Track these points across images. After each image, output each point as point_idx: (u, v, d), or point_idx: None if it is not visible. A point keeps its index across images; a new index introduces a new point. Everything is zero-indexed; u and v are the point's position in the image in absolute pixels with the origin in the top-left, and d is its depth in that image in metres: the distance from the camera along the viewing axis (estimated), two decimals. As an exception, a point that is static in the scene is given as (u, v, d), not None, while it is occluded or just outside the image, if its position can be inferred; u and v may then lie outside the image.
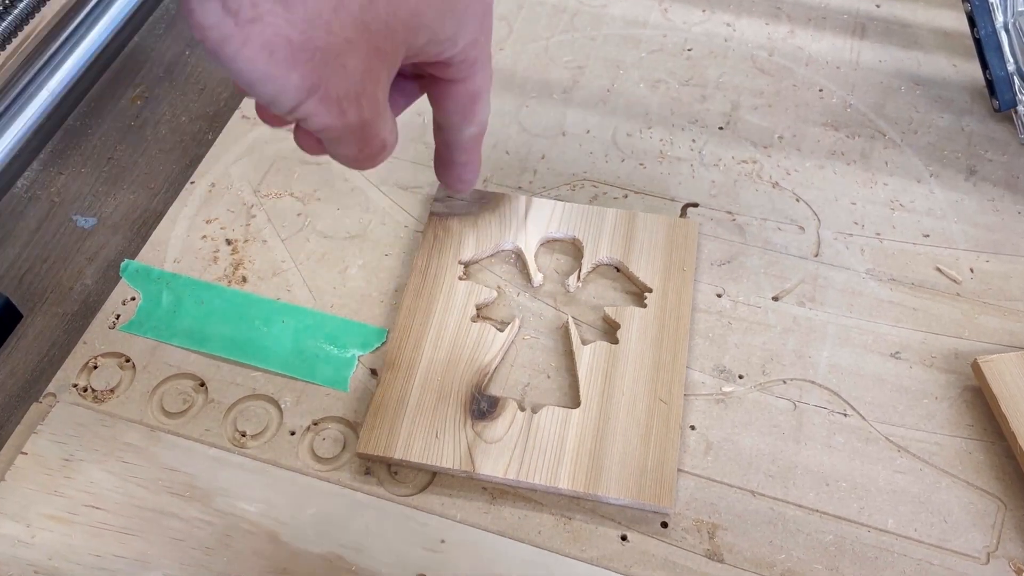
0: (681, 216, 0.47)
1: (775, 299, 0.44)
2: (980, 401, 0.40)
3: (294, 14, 0.23)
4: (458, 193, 0.40)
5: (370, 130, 0.27)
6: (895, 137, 0.51)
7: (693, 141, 0.51)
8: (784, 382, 0.42)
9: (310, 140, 0.29)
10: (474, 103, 0.31)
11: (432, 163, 0.36)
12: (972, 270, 0.45)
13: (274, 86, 0.24)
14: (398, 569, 0.36)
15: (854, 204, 0.48)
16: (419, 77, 0.32)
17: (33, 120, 0.50)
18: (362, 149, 0.28)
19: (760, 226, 0.47)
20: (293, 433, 0.40)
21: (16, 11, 0.49)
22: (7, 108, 0.50)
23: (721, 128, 0.51)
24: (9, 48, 0.50)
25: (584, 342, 0.42)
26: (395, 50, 0.26)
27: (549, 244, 0.46)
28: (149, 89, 0.55)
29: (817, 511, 0.38)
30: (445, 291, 0.43)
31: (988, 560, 0.36)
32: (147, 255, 0.46)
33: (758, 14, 0.57)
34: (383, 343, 0.43)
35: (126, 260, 0.46)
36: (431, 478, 0.39)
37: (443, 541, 0.37)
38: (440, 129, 0.33)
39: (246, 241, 0.47)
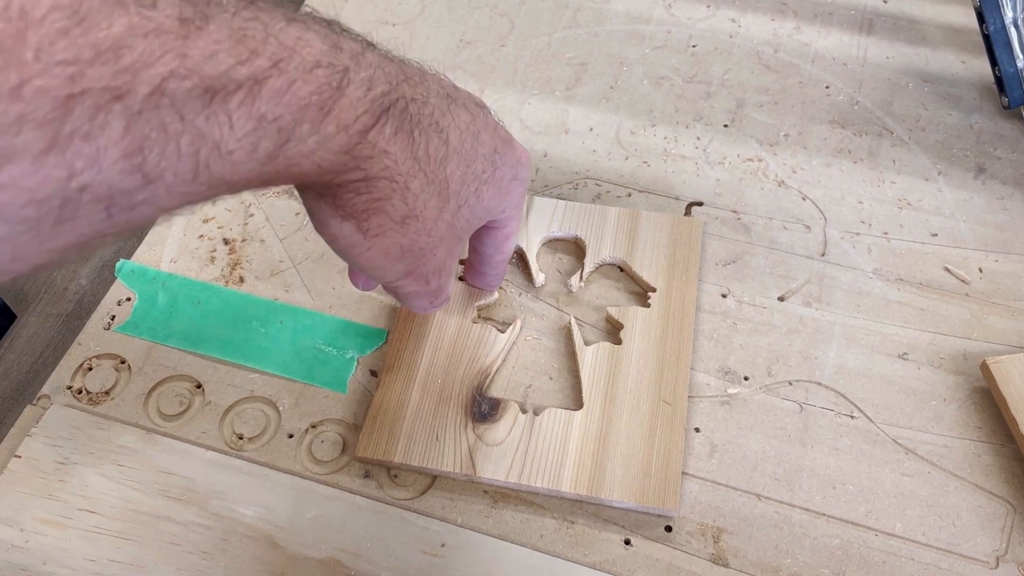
0: (685, 215, 0.47)
1: (781, 299, 0.44)
2: (989, 403, 0.40)
3: (408, 229, 0.30)
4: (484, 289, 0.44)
5: (443, 291, 0.35)
6: (903, 135, 0.50)
7: (698, 139, 0.50)
8: (790, 383, 0.41)
9: (367, 283, 0.38)
10: (507, 240, 0.38)
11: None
12: (981, 270, 0.45)
13: (382, 272, 0.32)
14: (398, 574, 0.36)
15: (861, 203, 0.47)
16: None
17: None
18: (432, 302, 0.35)
19: (766, 225, 0.47)
20: (291, 436, 0.40)
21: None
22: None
23: (726, 126, 0.51)
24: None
25: (587, 343, 0.41)
26: (468, 234, 0.34)
27: (551, 243, 0.46)
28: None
29: (824, 515, 0.37)
30: (446, 291, 0.42)
31: (997, 564, 0.36)
32: (143, 255, 0.46)
33: (763, 10, 0.57)
34: (382, 344, 0.42)
35: (122, 260, 0.45)
36: (431, 481, 0.38)
37: (444, 545, 0.36)
38: (475, 251, 0.40)
39: (244, 241, 0.46)
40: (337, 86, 0.25)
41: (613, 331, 0.42)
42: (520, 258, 0.45)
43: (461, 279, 0.43)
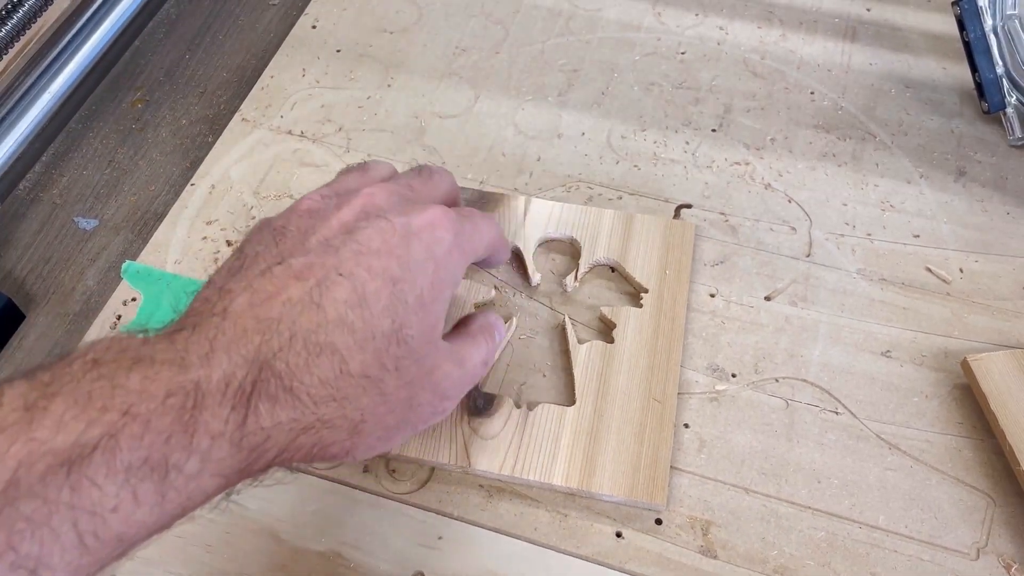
0: (675, 217, 0.48)
1: (767, 299, 0.45)
2: (970, 399, 0.41)
3: (367, 429, 0.29)
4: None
5: (470, 377, 0.34)
6: (886, 139, 0.51)
7: (687, 143, 0.51)
8: (776, 380, 0.42)
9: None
10: (501, 255, 0.39)
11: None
12: (962, 270, 0.46)
13: (395, 447, 0.33)
14: (397, 566, 0.37)
15: (845, 205, 0.48)
16: None
17: (35, 123, 0.51)
18: (476, 376, 0.35)
19: (752, 227, 0.48)
20: (292, 432, 0.41)
21: (19, 15, 0.50)
22: (10, 111, 0.50)
23: (714, 130, 0.52)
24: (12, 52, 0.50)
25: (580, 341, 0.42)
26: (434, 344, 0.32)
27: (547, 244, 0.47)
28: (150, 92, 0.56)
29: (809, 508, 0.38)
30: (442, 291, 0.43)
31: (978, 556, 0.37)
32: (148, 256, 0.47)
33: (750, 18, 0.58)
34: (381, 343, 0.43)
35: (127, 261, 0.46)
36: (429, 475, 0.39)
37: (441, 538, 0.37)
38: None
39: (245, 243, 0.47)
40: (193, 406, 0.24)
41: (606, 330, 0.43)
42: (516, 258, 0.46)
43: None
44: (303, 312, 0.27)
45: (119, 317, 0.44)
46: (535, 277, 0.45)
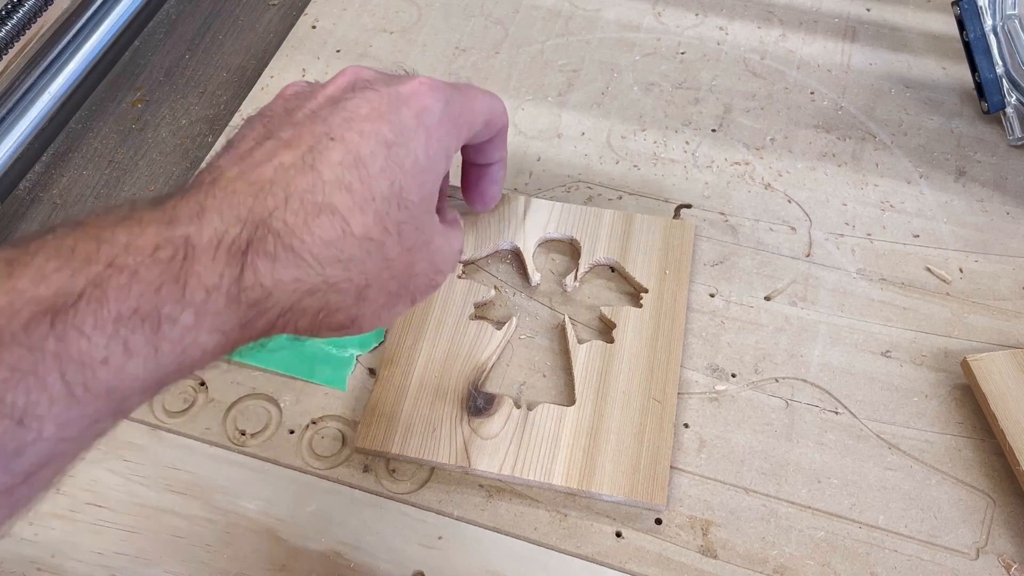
0: (675, 217, 0.48)
1: (767, 299, 0.45)
2: (969, 399, 0.41)
3: (370, 295, 0.29)
4: (489, 206, 0.43)
5: (453, 263, 0.34)
6: (885, 139, 0.52)
7: (686, 143, 0.51)
8: (776, 380, 0.42)
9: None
10: (499, 138, 0.38)
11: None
12: (961, 270, 0.46)
13: (391, 321, 0.32)
14: (396, 566, 0.37)
15: (845, 205, 0.49)
16: None
17: (35, 123, 0.51)
18: (452, 271, 0.35)
19: (752, 227, 0.48)
20: (292, 432, 0.41)
21: (19, 15, 0.50)
22: (10, 111, 0.50)
23: (714, 130, 0.52)
24: (12, 52, 0.50)
25: (580, 341, 0.42)
26: (431, 211, 0.31)
27: (547, 244, 0.47)
28: (149, 92, 0.56)
29: (809, 508, 0.38)
30: (443, 289, 0.44)
31: (978, 556, 0.37)
32: (147, 257, 0.47)
33: (750, 18, 0.58)
34: (381, 343, 0.43)
35: (127, 261, 0.46)
36: (429, 475, 0.39)
37: (440, 537, 0.37)
38: (470, 162, 0.39)
39: (245, 243, 0.47)
40: (184, 256, 0.24)
41: (606, 330, 0.43)
42: (516, 258, 0.46)
43: (461, 274, 0.44)
44: (297, 174, 0.27)
45: (119, 317, 0.44)
46: (535, 277, 0.45)
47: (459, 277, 0.44)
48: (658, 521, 0.38)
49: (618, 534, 0.38)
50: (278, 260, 0.26)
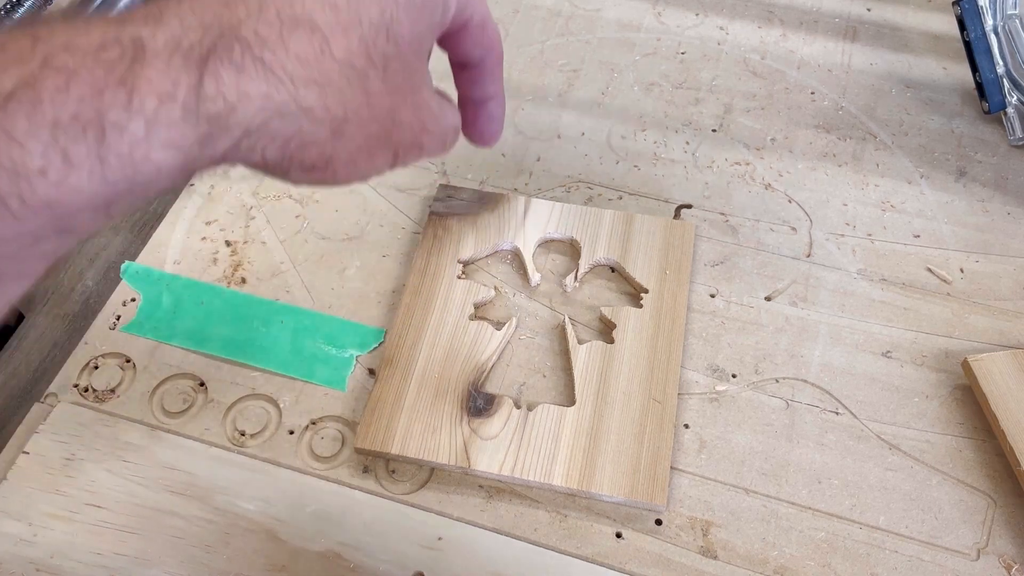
0: (675, 217, 0.48)
1: (768, 299, 0.45)
2: (970, 399, 0.41)
3: (347, 132, 0.26)
4: (489, 143, 0.37)
5: (440, 131, 0.31)
6: (886, 139, 0.51)
7: (687, 143, 0.51)
8: (777, 381, 0.42)
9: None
10: (484, 30, 0.33)
11: (428, 164, 0.37)
12: (962, 270, 0.46)
13: (370, 174, 0.28)
14: (396, 566, 0.37)
15: (845, 205, 0.48)
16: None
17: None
18: (444, 144, 0.31)
19: (753, 227, 0.48)
20: (292, 432, 0.41)
21: (19, 15, 0.50)
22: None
23: (714, 130, 0.52)
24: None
25: (580, 342, 0.42)
26: (422, 60, 0.29)
27: (546, 244, 0.47)
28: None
29: (809, 508, 0.38)
30: (444, 290, 0.44)
31: (978, 556, 0.37)
32: (147, 257, 0.47)
33: (751, 18, 0.58)
34: (380, 343, 0.43)
35: (127, 262, 0.46)
36: (429, 476, 0.39)
37: (440, 538, 0.37)
38: (462, 70, 0.34)
39: (245, 243, 0.47)
40: (132, 58, 0.21)
41: (606, 330, 0.43)
42: (516, 258, 0.46)
43: (460, 276, 0.44)
44: None
45: (119, 317, 0.44)
46: (535, 277, 0.45)
47: (459, 277, 0.44)
48: (658, 522, 0.38)
49: (618, 535, 0.38)
50: (244, 72, 0.23)
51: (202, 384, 0.42)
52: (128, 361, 0.43)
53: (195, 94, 0.22)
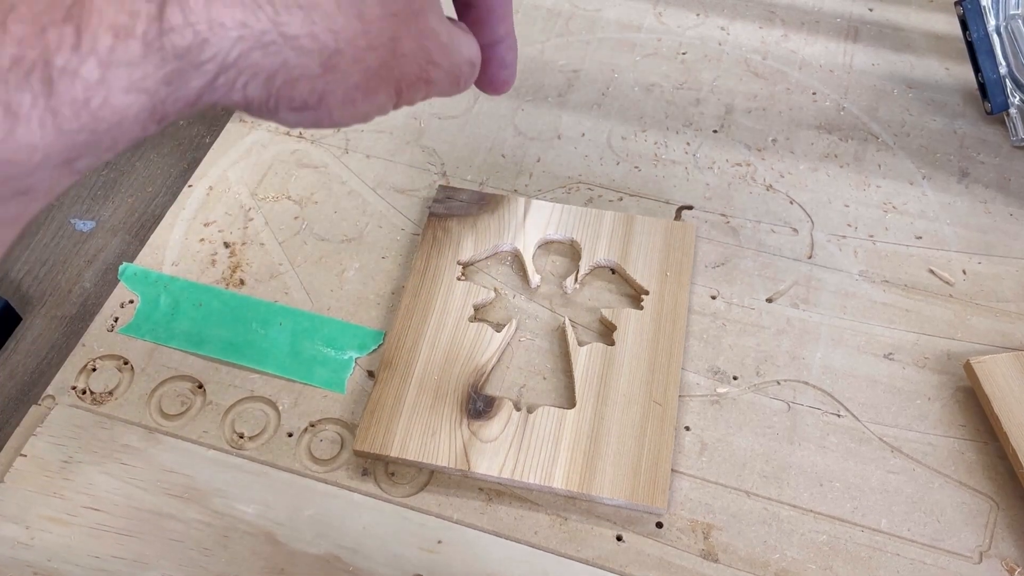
0: (676, 219, 0.48)
1: (769, 301, 0.45)
2: (972, 402, 0.41)
3: (340, 66, 0.23)
4: (501, 91, 0.34)
5: (452, 64, 0.27)
6: (888, 140, 0.51)
7: (687, 144, 0.51)
8: (778, 383, 0.42)
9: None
10: (501, 13, 0.30)
11: (427, 164, 0.37)
12: (964, 272, 0.46)
13: (372, 113, 0.25)
14: (395, 570, 0.36)
15: (847, 206, 0.48)
16: None
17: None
18: (459, 82, 0.28)
19: (754, 228, 0.47)
20: (291, 435, 0.40)
21: None
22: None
23: (715, 131, 0.52)
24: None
25: (580, 343, 0.42)
26: None
27: (546, 246, 0.47)
28: (147, 93, 0.56)
29: (811, 511, 0.38)
30: (443, 291, 0.43)
31: (981, 559, 0.37)
32: (145, 258, 0.46)
33: (752, 18, 0.58)
34: (380, 345, 0.43)
35: (124, 263, 0.46)
36: (428, 479, 0.39)
37: (440, 542, 0.37)
38: (467, 8, 0.31)
39: (244, 244, 0.47)
40: None
41: (606, 332, 0.43)
42: (516, 260, 0.46)
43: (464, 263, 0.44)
44: None
45: (116, 319, 0.44)
46: (535, 279, 0.45)
47: (458, 279, 0.44)
48: (659, 525, 0.38)
49: (619, 538, 0.37)
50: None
51: (200, 386, 0.42)
52: (126, 363, 0.43)
53: (157, 25, 0.19)
